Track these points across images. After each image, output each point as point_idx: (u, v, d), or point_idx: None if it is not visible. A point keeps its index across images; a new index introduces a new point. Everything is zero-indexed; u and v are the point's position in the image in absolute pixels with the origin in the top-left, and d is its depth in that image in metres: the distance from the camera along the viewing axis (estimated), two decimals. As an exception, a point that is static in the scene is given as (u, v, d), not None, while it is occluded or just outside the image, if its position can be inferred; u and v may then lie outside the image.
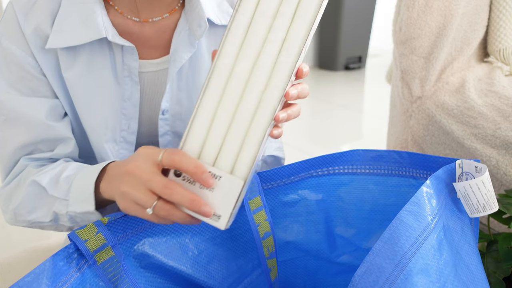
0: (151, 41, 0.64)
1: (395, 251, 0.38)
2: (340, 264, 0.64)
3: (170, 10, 0.63)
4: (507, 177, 0.95)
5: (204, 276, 0.58)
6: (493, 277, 0.63)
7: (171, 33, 0.64)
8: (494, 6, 1.20)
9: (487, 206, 0.46)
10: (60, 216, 0.56)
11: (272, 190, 0.61)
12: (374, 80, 3.59)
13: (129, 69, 0.61)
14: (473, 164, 0.47)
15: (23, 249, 0.92)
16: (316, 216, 0.62)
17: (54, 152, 0.62)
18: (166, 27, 0.64)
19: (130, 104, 0.63)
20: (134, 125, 0.64)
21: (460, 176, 0.49)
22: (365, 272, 0.38)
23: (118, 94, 0.62)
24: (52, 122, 0.60)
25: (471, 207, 0.47)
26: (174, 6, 0.64)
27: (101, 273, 0.47)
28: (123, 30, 0.62)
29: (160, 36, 0.64)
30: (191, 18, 0.62)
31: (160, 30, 0.63)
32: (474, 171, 0.48)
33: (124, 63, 0.61)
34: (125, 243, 0.52)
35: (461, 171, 0.49)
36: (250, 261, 0.62)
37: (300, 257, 0.64)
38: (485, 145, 1.00)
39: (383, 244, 0.38)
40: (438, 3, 1.07)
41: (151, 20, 0.63)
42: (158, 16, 0.63)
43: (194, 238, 0.57)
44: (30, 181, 0.58)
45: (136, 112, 0.63)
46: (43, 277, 0.43)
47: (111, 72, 0.61)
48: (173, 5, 0.64)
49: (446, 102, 1.10)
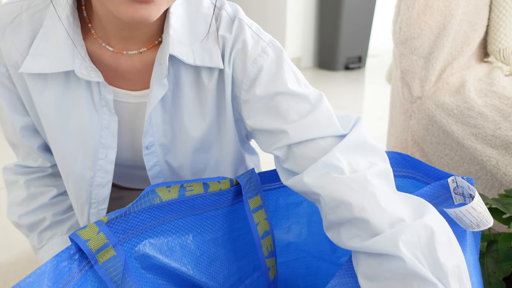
0: (129, 75, 0.60)
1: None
2: (341, 265, 0.64)
3: (148, 46, 0.59)
4: (507, 177, 0.96)
5: (205, 277, 0.58)
6: (493, 277, 0.63)
7: (149, 69, 0.60)
8: (494, 6, 1.20)
9: (480, 224, 0.46)
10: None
11: (274, 191, 0.61)
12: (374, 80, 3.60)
13: (105, 99, 0.59)
14: (465, 183, 0.48)
15: (24, 249, 0.92)
16: (318, 218, 0.63)
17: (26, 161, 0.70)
18: (143, 62, 0.60)
19: (109, 134, 0.61)
20: (112, 154, 0.62)
21: (456, 189, 0.50)
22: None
23: (96, 123, 0.60)
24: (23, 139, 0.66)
25: (465, 225, 0.47)
26: (153, 41, 0.59)
27: (103, 273, 0.47)
28: (99, 60, 0.59)
29: (137, 71, 0.60)
30: (160, 55, 0.57)
31: (137, 65, 0.60)
32: (467, 188, 0.48)
33: (101, 94, 0.58)
34: (126, 244, 0.52)
35: (455, 185, 0.50)
36: (251, 262, 0.62)
37: (301, 258, 0.64)
38: (485, 145, 1.00)
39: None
40: (438, 3, 1.07)
41: (126, 53, 0.59)
42: (134, 50, 0.59)
43: (196, 239, 0.57)
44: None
45: (115, 142, 0.61)
46: (44, 278, 0.43)
47: (88, 101, 0.59)
48: (152, 40, 0.59)
49: (446, 102, 1.10)
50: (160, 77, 0.56)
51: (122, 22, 0.53)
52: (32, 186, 0.70)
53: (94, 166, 0.62)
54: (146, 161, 0.62)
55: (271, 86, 0.55)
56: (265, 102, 0.55)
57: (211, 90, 0.59)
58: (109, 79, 0.60)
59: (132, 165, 0.68)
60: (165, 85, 0.56)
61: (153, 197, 0.52)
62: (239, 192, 0.59)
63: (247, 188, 0.57)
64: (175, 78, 0.59)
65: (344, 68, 3.88)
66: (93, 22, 0.58)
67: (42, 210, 0.70)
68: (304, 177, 0.50)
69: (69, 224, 0.72)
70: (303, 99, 0.54)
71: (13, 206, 0.70)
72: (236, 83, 0.58)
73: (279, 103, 0.54)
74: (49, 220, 0.69)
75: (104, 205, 0.66)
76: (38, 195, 0.70)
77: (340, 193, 0.47)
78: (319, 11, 3.76)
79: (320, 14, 3.76)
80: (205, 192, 0.55)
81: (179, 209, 0.55)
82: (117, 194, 0.81)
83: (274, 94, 0.55)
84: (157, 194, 0.52)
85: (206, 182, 0.55)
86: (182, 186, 0.54)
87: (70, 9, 0.55)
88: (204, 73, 0.58)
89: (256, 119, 0.56)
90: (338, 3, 3.53)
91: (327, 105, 0.55)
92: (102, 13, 0.54)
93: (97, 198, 0.65)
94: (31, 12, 0.57)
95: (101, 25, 0.57)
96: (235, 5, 0.61)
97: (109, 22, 0.55)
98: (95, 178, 0.63)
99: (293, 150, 0.53)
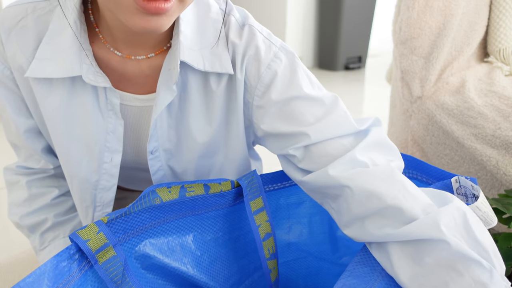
0: (136, 79, 0.60)
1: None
2: (342, 265, 0.64)
3: (157, 51, 0.59)
4: (507, 177, 0.96)
5: (206, 277, 0.58)
6: (493, 277, 0.63)
7: (157, 74, 0.60)
8: (494, 6, 1.20)
9: (485, 224, 0.47)
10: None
11: (275, 192, 0.61)
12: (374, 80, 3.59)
13: (112, 104, 0.59)
14: (469, 182, 0.48)
15: (24, 249, 0.92)
16: (319, 218, 0.63)
17: (27, 162, 0.69)
18: (151, 67, 0.59)
19: (114, 138, 0.60)
20: (117, 158, 0.62)
21: (459, 189, 0.50)
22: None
23: (102, 127, 0.60)
24: (27, 141, 0.66)
25: None
26: (161, 47, 0.59)
27: (103, 273, 0.47)
28: (106, 64, 0.58)
29: (145, 76, 0.60)
30: (169, 61, 0.57)
31: (145, 70, 0.59)
32: (470, 187, 0.48)
33: (107, 98, 0.58)
34: (126, 244, 0.52)
35: (458, 185, 0.50)
36: (252, 262, 0.62)
37: (302, 258, 0.64)
38: (485, 145, 1.00)
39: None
40: (438, 3, 1.07)
41: (134, 58, 0.58)
42: (142, 55, 0.58)
43: (196, 239, 0.57)
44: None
45: (120, 146, 0.61)
46: (44, 277, 0.43)
47: (94, 105, 0.59)
48: (161, 45, 0.59)
49: (446, 102, 1.10)
50: (169, 83, 0.56)
51: (131, 30, 0.53)
52: (33, 187, 0.70)
53: (99, 170, 0.62)
54: (151, 166, 0.62)
55: (286, 91, 0.56)
56: (280, 107, 0.56)
57: (219, 96, 0.59)
58: (115, 83, 0.59)
59: (135, 167, 0.68)
60: (174, 91, 0.56)
61: (153, 197, 0.52)
62: (240, 194, 0.59)
63: (248, 190, 0.57)
64: (183, 83, 0.58)
65: (344, 68, 3.88)
66: (100, 26, 0.57)
67: (43, 211, 0.69)
68: (330, 170, 0.50)
69: (72, 225, 0.71)
70: (318, 102, 0.55)
71: (14, 206, 0.70)
72: (248, 89, 0.58)
73: (295, 107, 0.55)
74: (51, 221, 0.69)
75: (109, 209, 0.65)
76: (40, 195, 0.70)
77: (370, 183, 0.47)
78: (319, 11, 3.76)
79: (320, 14, 3.75)
80: (206, 193, 0.55)
81: (179, 209, 0.55)
82: (120, 195, 0.81)
83: (289, 98, 0.55)
84: (157, 195, 0.52)
85: (207, 183, 0.55)
86: (182, 187, 0.54)
87: (77, 13, 0.54)
88: (213, 78, 0.58)
89: (271, 124, 0.57)
90: (338, 3, 3.53)
91: (343, 105, 0.56)
92: (110, 19, 0.54)
93: (102, 201, 0.65)
94: (36, 15, 0.56)
95: (109, 30, 0.56)
96: (243, 10, 0.61)
97: (117, 28, 0.55)
98: (100, 182, 0.63)
99: (311, 149, 0.54)
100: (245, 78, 0.58)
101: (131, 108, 0.61)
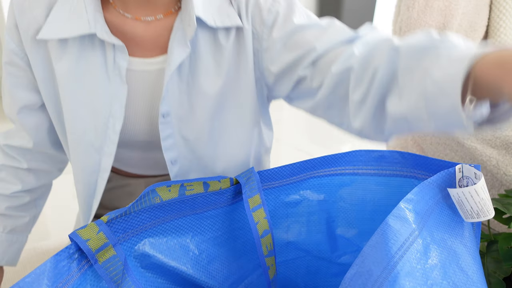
0: (146, 42, 0.63)
1: (382, 254, 0.39)
2: (341, 264, 0.64)
3: (165, 12, 0.63)
4: (507, 177, 0.95)
5: (205, 276, 0.58)
6: (493, 277, 0.63)
7: (166, 35, 0.63)
8: (494, 6, 1.20)
9: (481, 213, 0.46)
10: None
11: (274, 190, 0.61)
12: (374, 80, 3.59)
13: (119, 68, 0.61)
14: (472, 170, 0.48)
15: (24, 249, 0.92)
16: (317, 217, 0.62)
17: (8, 140, 0.71)
18: (160, 28, 0.63)
19: (117, 103, 0.62)
20: (118, 125, 0.63)
21: (461, 180, 0.49)
22: (355, 275, 0.39)
23: (108, 92, 0.62)
24: (18, 116, 0.68)
25: (465, 213, 0.47)
26: (169, 9, 0.63)
27: (103, 273, 0.47)
28: (116, 28, 0.62)
29: (155, 37, 0.63)
30: (183, 19, 0.61)
31: (155, 31, 0.63)
32: (473, 177, 0.48)
33: (115, 62, 0.61)
34: (125, 243, 0.52)
35: (461, 175, 0.49)
36: (251, 261, 0.62)
37: (301, 257, 0.64)
38: (485, 145, 1.00)
39: (371, 248, 0.39)
40: (438, 3, 1.07)
41: (143, 19, 0.62)
42: (151, 15, 0.62)
43: (195, 238, 0.57)
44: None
45: (122, 112, 0.63)
46: (44, 277, 0.43)
47: (102, 69, 0.61)
48: (169, 7, 0.63)
49: (446, 102, 1.10)
50: (183, 40, 0.60)
51: None
52: (4, 171, 0.72)
53: (104, 136, 0.64)
54: (161, 130, 0.64)
55: (286, 26, 0.61)
56: (285, 42, 0.61)
57: (228, 50, 0.63)
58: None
59: (144, 141, 0.69)
60: (188, 47, 0.60)
61: (153, 197, 0.52)
62: (239, 191, 0.59)
63: (247, 187, 0.57)
64: (192, 43, 0.62)
65: (344, 68, 3.88)
66: None
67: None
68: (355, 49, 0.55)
69: (15, 224, 0.74)
70: (317, 25, 0.61)
71: None
72: (256, 36, 0.63)
73: (298, 37, 0.60)
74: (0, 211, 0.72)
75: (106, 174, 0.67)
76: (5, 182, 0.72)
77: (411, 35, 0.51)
78: (319, 11, 3.76)
79: (320, 14, 3.76)
80: (205, 191, 0.56)
81: (179, 208, 0.55)
82: (123, 181, 0.81)
83: (291, 31, 0.61)
84: (157, 194, 0.52)
85: (207, 181, 0.56)
86: (182, 186, 0.54)
87: None
88: (221, 34, 0.62)
89: (279, 60, 0.61)
90: (338, 3, 3.53)
91: (339, 22, 0.62)
92: None
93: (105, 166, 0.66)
94: None
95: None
96: None
97: None
98: (103, 148, 0.65)
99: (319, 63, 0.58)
100: (252, 28, 0.63)
101: (141, 74, 0.64)
